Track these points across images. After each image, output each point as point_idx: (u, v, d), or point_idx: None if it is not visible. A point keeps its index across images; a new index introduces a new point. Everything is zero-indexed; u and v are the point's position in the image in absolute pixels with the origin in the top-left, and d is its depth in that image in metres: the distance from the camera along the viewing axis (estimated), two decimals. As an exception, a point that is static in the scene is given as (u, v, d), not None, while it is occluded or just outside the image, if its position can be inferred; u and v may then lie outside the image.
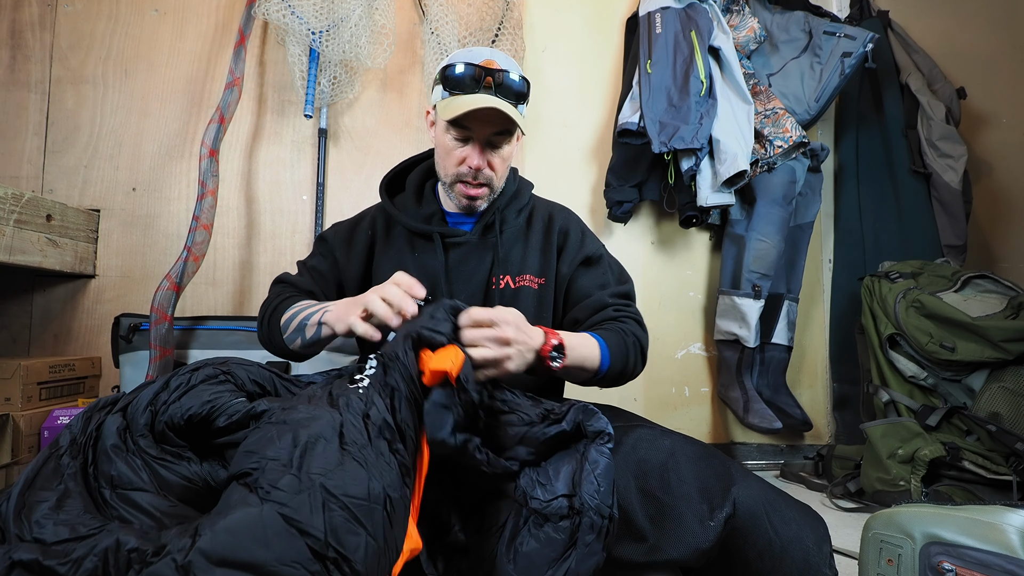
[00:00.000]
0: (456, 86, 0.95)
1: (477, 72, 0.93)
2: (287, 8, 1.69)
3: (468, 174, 0.97)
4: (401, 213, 1.05)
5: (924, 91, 2.17)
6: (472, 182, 0.98)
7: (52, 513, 0.55)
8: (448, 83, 0.95)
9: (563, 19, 2.20)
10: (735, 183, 1.93)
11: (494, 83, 0.94)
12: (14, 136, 1.75)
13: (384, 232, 1.06)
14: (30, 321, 1.72)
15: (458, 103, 0.93)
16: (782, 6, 2.28)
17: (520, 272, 1.03)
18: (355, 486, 0.55)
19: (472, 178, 0.98)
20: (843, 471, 1.82)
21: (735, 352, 2.06)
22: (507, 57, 0.99)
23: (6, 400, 1.39)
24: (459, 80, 0.94)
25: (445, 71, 0.96)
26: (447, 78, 0.95)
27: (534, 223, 1.08)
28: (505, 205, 1.06)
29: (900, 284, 1.83)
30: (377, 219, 1.08)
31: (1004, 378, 1.58)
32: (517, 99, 0.96)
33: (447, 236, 1.02)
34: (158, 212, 1.81)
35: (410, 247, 1.04)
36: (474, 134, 0.96)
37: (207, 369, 0.73)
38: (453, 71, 0.94)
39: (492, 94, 0.94)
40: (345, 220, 1.13)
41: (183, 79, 1.86)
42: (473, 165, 0.96)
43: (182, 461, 0.67)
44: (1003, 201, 2.12)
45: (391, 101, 2.02)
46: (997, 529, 0.74)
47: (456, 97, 0.94)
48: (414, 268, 1.01)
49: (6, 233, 1.34)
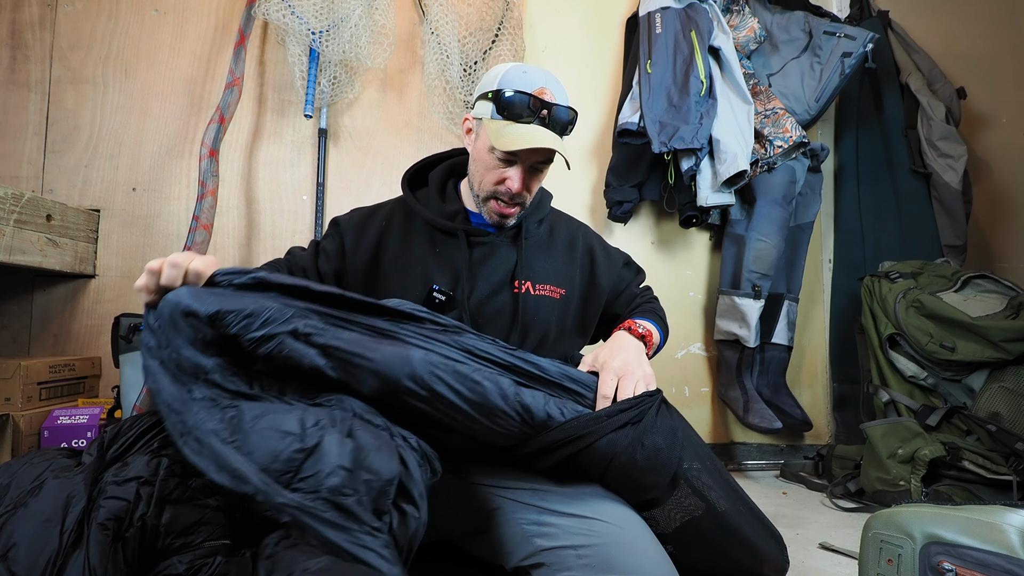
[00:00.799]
0: (511, 114, 0.95)
1: (533, 104, 0.94)
2: (287, 8, 1.69)
3: (505, 194, 0.99)
4: (424, 208, 1.06)
5: (924, 91, 2.17)
6: (508, 202, 1.00)
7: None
8: (501, 107, 0.95)
9: (563, 19, 2.20)
10: (735, 183, 1.93)
11: (549, 117, 0.95)
12: (14, 136, 1.76)
13: (403, 225, 1.07)
14: (30, 321, 1.72)
15: (514, 135, 0.93)
16: (782, 6, 2.28)
17: (542, 281, 1.05)
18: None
19: (508, 198, 0.99)
20: (843, 471, 1.82)
21: (735, 352, 2.06)
22: (557, 81, 1.00)
23: (6, 400, 1.39)
24: (515, 108, 0.94)
25: (500, 94, 0.95)
26: (501, 102, 0.95)
27: (556, 235, 1.12)
28: (528, 214, 1.08)
29: (900, 284, 1.83)
30: (396, 212, 1.09)
31: (1004, 378, 1.58)
32: (564, 129, 0.98)
33: (472, 234, 1.04)
34: (158, 212, 1.81)
35: (431, 241, 1.05)
36: (520, 160, 0.97)
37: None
38: (510, 98, 0.94)
39: (546, 126, 0.95)
40: (362, 207, 1.13)
41: (183, 79, 1.87)
42: (515, 189, 0.97)
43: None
44: (1003, 201, 2.12)
45: (391, 101, 2.02)
46: (997, 529, 0.74)
47: (510, 125, 0.95)
48: (435, 262, 1.03)
49: (6, 233, 1.34)
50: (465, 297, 1.01)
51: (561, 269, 1.09)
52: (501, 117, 0.95)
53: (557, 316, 1.05)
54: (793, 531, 1.44)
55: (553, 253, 1.09)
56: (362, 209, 1.12)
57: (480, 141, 1.00)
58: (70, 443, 1.40)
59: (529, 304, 1.03)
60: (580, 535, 0.75)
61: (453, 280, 1.02)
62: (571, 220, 1.19)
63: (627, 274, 1.18)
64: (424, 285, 1.01)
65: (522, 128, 0.94)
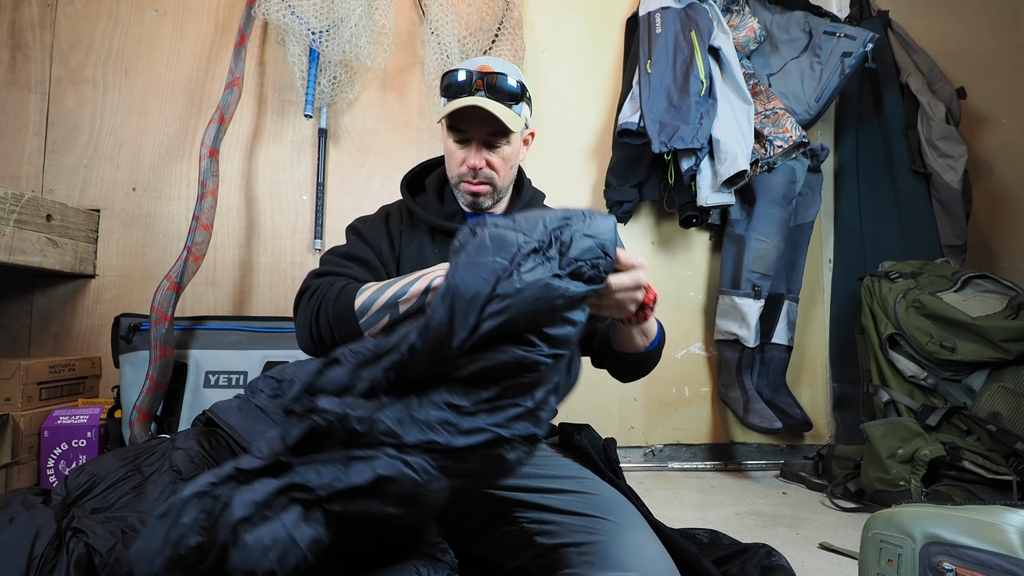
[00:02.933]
0: (452, 92, 0.99)
1: (469, 76, 0.97)
2: (287, 8, 1.69)
3: (468, 173, 1.01)
4: (424, 210, 1.08)
5: (924, 91, 2.17)
6: (473, 181, 1.02)
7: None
8: (446, 90, 1.00)
9: (563, 19, 2.20)
10: (735, 183, 1.93)
11: (485, 85, 0.97)
12: (14, 136, 1.76)
13: (408, 226, 1.10)
14: (30, 321, 1.72)
15: (450, 105, 0.97)
16: (782, 6, 2.28)
17: None
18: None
19: (472, 177, 1.01)
20: (843, 471, 1.82)
21: (735, 352, 2.06)
22: (504, 62, 1.03)
23: (6, 400, 1.39)
24: (454, 86, 0.99)
25: (444, 79, 1.00)
26: (446, 85, 1.00)
27: None
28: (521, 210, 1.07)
29: (900, 284, 1.83)
30: (401, 214, 1.11)
31: (1004, 378, 1.58)
32: (512, 100, 0.99)
33: None
34: (158, 212, 1.81)
35: (431, 242, 1.07)
36: (471, 135, 1.00)
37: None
38: (452, 77, 0.99)
39: (484, 96, 0.97)
40: (370, 215, 1.14)
41: (183, 79, 1.87)
42: (471, 164, 1.00)
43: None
44: (1003, 201, 2.12)
45: (391, 101, 2.02)
46: (997, 529, 0.74)
47: (453, 101, 0.98)
48: (435, 259, 1.04)
49: (6, 233, 1.34)
50: None
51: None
52: (447, 98, 1.00)
53: None
54: (793, 531, 1.44)
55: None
56: (372, 216, 1.12)
57: (442, 133, 1.04)
58: (70, 443, 1.41)
59: None
60: (581, 533, 0.75)
61: None
62: None
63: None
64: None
65: (459, 99, 0.97)
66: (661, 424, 2.15)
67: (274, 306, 1.86)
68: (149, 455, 0.84)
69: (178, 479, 0.79)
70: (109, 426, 1.44)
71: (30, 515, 0.71)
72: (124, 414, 1.43)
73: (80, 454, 1.40)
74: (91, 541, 0.67)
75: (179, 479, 0.79)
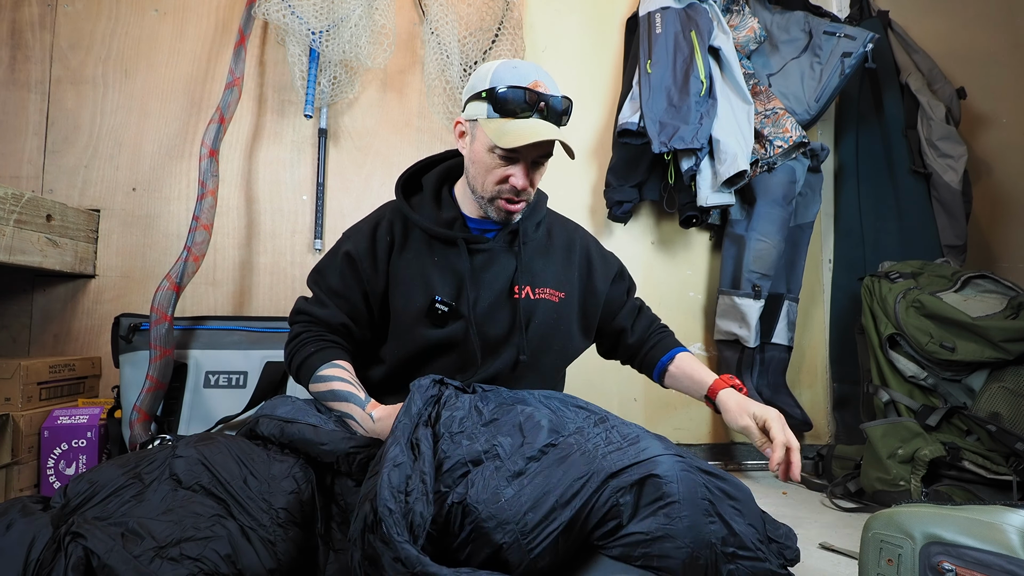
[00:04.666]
0: (507, 110, 0.93)
1: (530, 97, 0.93)
2: (287, 8, 1.69)
3: (511, 192, 0.98)
4: (420, 216, 1.04)
5: (924, 91, 2.17)
6: (514, 199, 0.99)
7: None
8: (498, 105, 0.94)
9: (563, 19, 2.20)
10: (735, 183, 1.93)
11: (546, 108, 0.94)
12: (14, 136, 1.75)
13: (402, 234, 1.05)
14: (30, 321, 1.72)
15: (516, 131, 0.92)
16: (782, 6, 2.28)
17: (541, 284, 1.05)
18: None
19: (515, 195, 0.98)
20: (843, 471, 1.82)
21: (735, 352, 2.06)
22: (546, 73, 1.00)
23: (6, 400, 1.39)
24: (512, 104, 0.93)
25: (494, 92, 0.94)
26: (497, 100, 0.93)
27: (554, 239, 1.11)
28: (526, 215, 1.07)
29: (900, 284, 1.83)
30: (394, 222, 1.07)
31: (1004, 378, 1.58)
32: (560, 119, 0.98)
33: (471, 242, 1.03)
34: (158, 212, 1.81)
35: (428, 250, 1.03)
36: (522, 156, 0.96)
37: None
38: (505, 94, 0.93)
39: (544, 118, 0.94)
40: (360, 225, 1.10)
41: (183, 79, 1.86)
42: (520, 186, 0.96)
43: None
44: (1003, 201, 2.12)
45: (391, 101, 2.02)
46: (997, 529, 0.74)
47: (509, 121, 0.93)
48: (436, 270, 1.01)
49: (6, 233, 1.34)
50: (470, 306, 1.00)
51: (560, 272, 1.08)
52: (499, 115, 0.94)
53: (557, 319, 1.05)
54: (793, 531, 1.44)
55: (551, 256, 1.09)
56: (361, 228, 1.09)
57: (478, 143, 0.98)
58: (70, 443, 1.41)
59: (529, 308, 1.03)
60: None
61: (455, 289, 1.01)
62: (568, 222, 1.18)
63: (623, 286, 1.20)
64: (426, 296, 1.00)
65: (522, 123, 0.93)
66: (661, 424, 2.15)
67: (274, 306, 1.86)
68: (149, 463, 0.84)
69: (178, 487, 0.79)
70: (109, 426, 1.44)
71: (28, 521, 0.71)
72: (124, 414, 1.43)
73: (80, 454, 1.40)
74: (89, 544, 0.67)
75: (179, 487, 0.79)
